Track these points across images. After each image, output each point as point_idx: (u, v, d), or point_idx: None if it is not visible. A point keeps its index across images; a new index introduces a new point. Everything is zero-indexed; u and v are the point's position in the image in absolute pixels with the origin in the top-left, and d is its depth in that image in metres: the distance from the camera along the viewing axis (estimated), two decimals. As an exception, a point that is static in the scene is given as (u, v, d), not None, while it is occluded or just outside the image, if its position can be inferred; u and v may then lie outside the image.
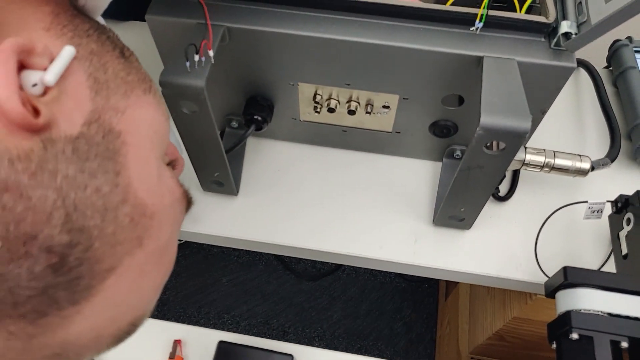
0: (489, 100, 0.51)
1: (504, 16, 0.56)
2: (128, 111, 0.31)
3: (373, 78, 0.62)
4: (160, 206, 0.32)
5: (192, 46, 0.52)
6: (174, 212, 0.34)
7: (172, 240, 0.34)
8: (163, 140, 0.35)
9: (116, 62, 0.34)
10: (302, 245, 0.70)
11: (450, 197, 0.63)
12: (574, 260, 0.68)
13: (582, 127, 0.81)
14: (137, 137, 0.31)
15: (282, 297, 1.58)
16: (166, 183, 0.34)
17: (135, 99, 0.33)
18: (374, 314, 1.55)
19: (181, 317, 1.56)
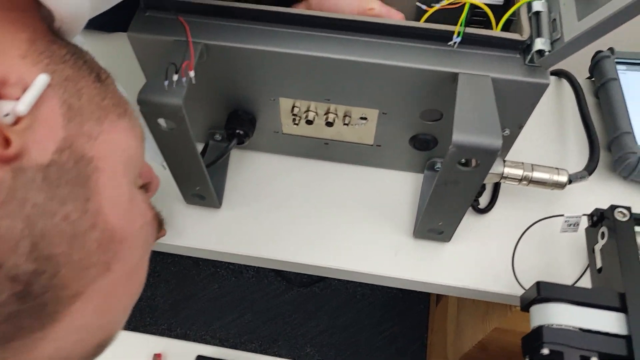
0: (461, 118, 0.51)
1: (479, 33, 0.57)
2: (101, 137, 0.32)
3: (352, 93, 0.63)
4: (131, 230, 0.33)
5: (172, 65, 0.53)
6: (144, 235, 0.35)
7: (142, 263, 0.35)
8: (136, 164, 0.36)
9: (92, 87, 0.34)
10: (283, 259, 0.70)
11: (427, 211, 0.64)
12: (552, 273, 0.69)
13: (565, 138, 0.81)
14: (109, 163, 0.32)
15: (272, 306, 1.58)
16: (138, 206, 0.34)
17: (109, 124, 0.33)
18: (362, 322, 1.55)
19: (170, 325, 1.56)
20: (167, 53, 0.55)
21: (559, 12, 0.56)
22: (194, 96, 0.66)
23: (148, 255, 0.37)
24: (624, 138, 0.73)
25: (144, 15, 0.60)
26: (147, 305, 1.58)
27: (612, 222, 0.59)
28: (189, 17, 0.60)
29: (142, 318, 1.56)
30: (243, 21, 0.60)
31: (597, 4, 0.52)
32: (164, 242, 0.72)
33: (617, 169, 0.74)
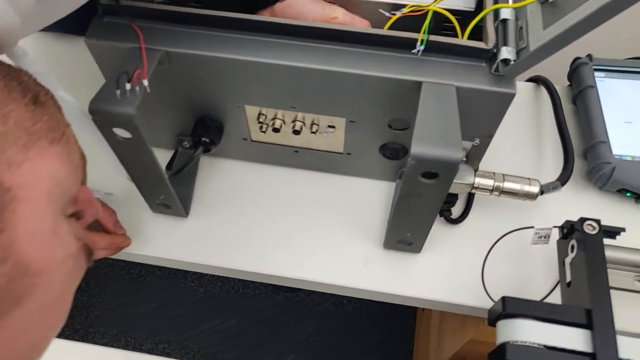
0: (421, 129, 0.50)
1: (444, 41, 0.55)
2: (25, 164, 0.31)
3: (317, 102, 0.62)
4: (50, 263, 0.31)
5: (124, 74, 0.51)
6: (66, 268, 0.33)
7: (62, 296, 0.34)
8: (66, 192, 0.35)
9: (22, 110, 0.33)
10: (250, 269, 0.69)
11: (394, 223, 0.62)
12: (524, 286, 0.67)
13: (542, 145, 0.80)
14: (32, 191, 0.31)
15: (257, 311, 1.57)
16: (61, 238, 0.33)
17: (38, 150, 0.32)
18: (348, 327, 1.54)
19: (153, 329, 1.54)
20: (127, 60, 0.54)
21: (526, 20, 0.55)
22: (159, 102, 0.65)
23: (72, 289, 0.35)
24: (599, 147, 0.71)
25: (101, 21, 0.59)
26: (130, 311, 1.57)
27: (582, 235, 0.58)
28: (150, 24, 0.58)
29: (125, 323, 1.55)
30: (205, 28, 0.58)
31: (561, 12, 0.50)
32: (130, 251, 0.71)
33: (592, 179, 0.73)
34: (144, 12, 0.58)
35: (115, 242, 0.68)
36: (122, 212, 0.69)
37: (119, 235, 0.68)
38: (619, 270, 0.60)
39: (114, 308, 1.57)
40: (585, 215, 0.64)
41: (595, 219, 0.58)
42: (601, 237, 0.58)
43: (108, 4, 0.58)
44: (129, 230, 0.70)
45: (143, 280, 1.61)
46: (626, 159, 0.71)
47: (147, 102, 0.52)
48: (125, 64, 0.53)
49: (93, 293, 1.59)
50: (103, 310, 1.57)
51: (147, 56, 0.54)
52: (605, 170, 0.70)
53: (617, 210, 0.72)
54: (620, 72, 0.80)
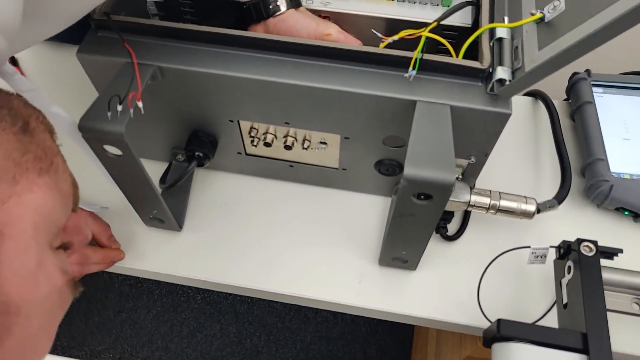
0: (415, 150, 0.49)
1: (438, 60, 0.55)
2: (13, 199, 0.30)
3: (311, 118, 0.61)
4: (32, 298, 0.31)
5: (115, 97, 0.50)
6: (49, 303, 0.33)
7: (44, 330, 0.33)
8: (53, 224, 0.34)
9: (12, 141, 0.32)
10: (244, 285, 0.68)
11: (388, 241, 0.61)
12: (519, 306, 0.66)
13: (540, 160, 0.79)
14: (18, 227, 0.30)
15: (257, 318, 1.56)
16: (45, 271, 0.32)
17: (25, 183, 0.32)
18: (347, 337, 1.53)
19: (152, 336, 1.54)
20: (118, 76, 0.53)
21: (522, 39, 0.54)
22: (152, 116, 0.64)
23: (56, 322, 0.35)
24: (597, 165, 0.70)
25: (95, 36, 0.59)
26: (128, 317, 1.56)
27: (578, 256, 0.57)
28: (142, 39, 0.58)
29: (123, 330, 1.54)
30: (198, 43, 0.58)
31: (557, 33, 0.50)
32: (123, 265, 0.70)
33: (589, 197, 0.72)
34: (136, 28, 0.58)
35: (109, 256, 0.67)
36: (116, 226, 0.69)
37: (112, 250, 0.68)
38: (616, 292, 0.59)
39: (112, 315, 1.57)
40: (582, 234, 0.63)
41: (592, 240, 0.58)
42: (598, 259, 0.57)
43: (99, 19, 0.57)
44: (122, 243, 0.70)
45: (141, 286, 1.60)
46: (624, 177, 0.70)
47: (140, 116, 0.52)
48: (117, 81, 0.53)
49: (92, 300, 1.58)
50: (101, 318, 1.56)
51: (139, 72, 0.54)
52: (603, 188, 0.69)
53: (615, 228, 0.71)
54: (619, 88, 0.79)
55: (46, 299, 0.32)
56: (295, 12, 0.62)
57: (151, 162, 0.76)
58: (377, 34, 0.56)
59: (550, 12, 0.52)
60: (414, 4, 0.69)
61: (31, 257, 0.31)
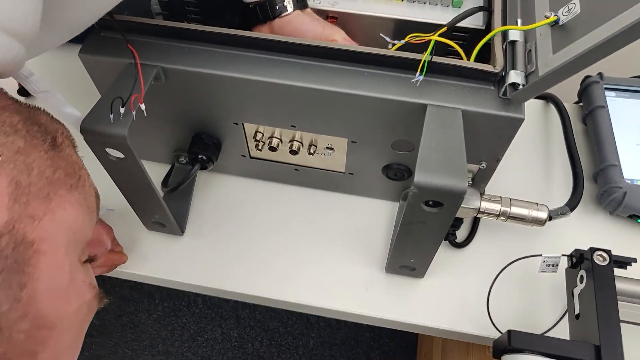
0: (425, 156, 0.48)
1: (449, 63, 0.53)
2: (47, 217, 0.31)
3: (318, 121, 0.60)
4: (65, 314, 0.31)
5: (118, 99, 0.49)
6: (79, 318, 0.33)
7: (74, 342, 0.34)
8: (82, 238, 0.35)
9: (44, 158, 0.33)
10: (246, 292, 0.67)
11: (396, 248, 0.60)
12: (529, 315, 0.65)
13: (551, 165, 0.78)
14: (52, 244, 0.31)
15: (259, 322, 1.55)
16: (76, 287, 0.33)
17: (58, 200, 0.32)
18: (350, 342, 1.51)
19: (153, 340, 1.52)
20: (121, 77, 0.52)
21: (535, 42, 0.53)
22: (154, 117, 0.63)
23: (84, 333, 0.35)
24: (610, 171, 0.69)
25: (98, 36, 0.57)
26: (129, 321, 1.55)
27: (591, 265, 0.56)
28: (146, 39, 0.57)
29: (124, 334, 1.53)
30: (203, 44, 0.57)
31: (572, 36, 0.48)
32: (124, 269, 0.69)
33: (602, 203, 0.70)
34: (140, 27, 0.57)
35: (111, 259, 0.66)
36: (118, 229, 0.67)
37: (115, 253, 0.67)
38: (630, 303, 0.57)
39: (113, 319, 1.55)
40: (594, 241, 0.61)
41: (605, 250, 0.56)
42: (612, 269, 0.55)
43: (103, 18, 0.55)
44: (123, 247, 0.68)
45: (142, 289, 1.59)
46: (638, 183, 0.68)
47: (142, 117, 0.50)
48: (119, 82, 0.52)
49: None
50: (102, 321, 1.55)
51: (142, 72, 0.52)
52: (617, 195, 0.67)
53: (628, 236, 0.70)
54: (632, 92, 0.77)
55: (77, 313, 0.33)
56: (301, 13, 0.61)
57: (153, 164, 0.75)
58: (385, 38, 0.54)
59: (565, 15, 0.51)
60: (424, 4, 0.67)
61: (64, 273, 0.32)
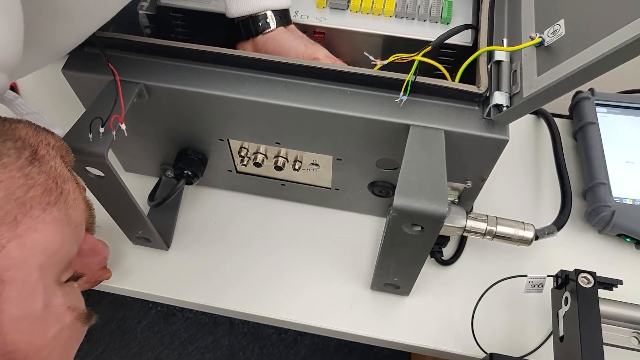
0: (405, 179, 0.47)
1: (434, 84, 0.53)
2: (13, 242, 0.29)
3: (302, 139, 0.59)
4: (41, 341, 0.30)
5: (97, 119, 0.49)
6: (61, 340, 0.32)
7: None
8: (62, 258, 0.33)
9: (15, 177, 0.31)
10: (231, 308, 0.66)
11: (380, 267, 0.59)
12: (514, 336, 0.64)
13: (540, 181, 0.77)
14: (21, 271, 0.29)
15: (251, 330, 1.54)
16: (53, 312, 0.31)
17: (29, 222, 0.30)
18: (343, 350, 1.51)
19: (142, 347, 1.51)
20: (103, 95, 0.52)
21: (520, 62, 0.52)
22: (139, 133, 0.62)
23: (71, 355, 0.34)
24: (599, 189, 0.68)
25: (81, 52, 0.57)
26: (117, 327, 1.54)
27: (576, 287, 0.55)
28: (129, 55, 0.56)
29: (112, 341, 1.52)
30: (186, 61, 0.56)
31: (557, 59, 0.48)
32: (109, 284, 0.68)
33: (591, 221, 0.70)
34: (122, 44, 0.56)
35: (95, 275, 0.65)
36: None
37: (99, 269, 0.66)
38: (615, 325, 0.57)
39: (100, 325, 1.54)
40: (582, 260, 0.61)
41: (590, 272, 0.56)
42: (596, 291, 0.55)
43: (85, 35, 0.55)
44: (108, 261, 0.68)
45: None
46: (627, 202, 0.68)
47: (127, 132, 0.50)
48: (101, 100, 0.51)
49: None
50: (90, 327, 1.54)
51: (125, 89, 0.52)
52: (605, 214, 0.67)
53: (616, 256, 0.69)
54: (624, 108, 0.77)
55: (57, 338, 0.31)
56: (285, 30, 0.60)
57: (141, 177, 0.74)
58: (369, 57, 0.53)
59: (550, 37, 0.50)
60: (413, 20, 0.67)
61: (37, 300, 0.30)
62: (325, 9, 0.67)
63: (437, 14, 0.66)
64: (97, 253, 0.57)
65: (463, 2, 0.67)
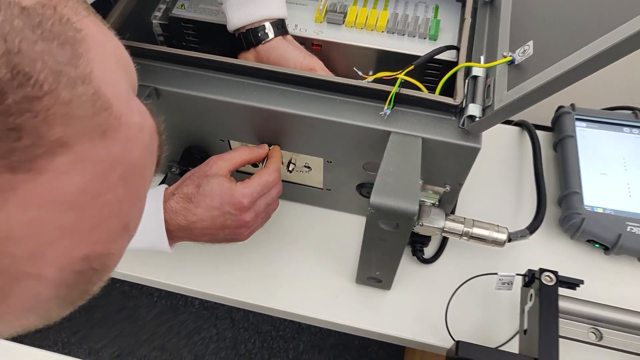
0: (383, 180, 0.53)
1: (414, 95, 0.58)
2: (87, 19, 0.27)
3: (296, 142, 0.65)
4: (128, 117, 0.26)
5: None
6: (143, 137, 0.28)
7: (143, 169, 0.29)
8: (131, 75, 0.31)
9: None
10: (222, 294, 0.72)
11: (362, 262, 0.65)
12: (487, 330, 0.69)
13: (522, 189, 0.82)
14: (99, 47, 0.26)
15: (251, 324, 1.60)
16: (137, 104, 0.28)
17: (93, 19, 0.28)
18: (339, 347, 1.56)
19: (150, 336, 1.58)
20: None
21: (494, 79, 0.58)
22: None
23: (150, 171, 0.30)
24: (572, 198, 0.73)
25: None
26: (129, 315, 1.61)
27: (539, 285, 0.60)
28: (141, 61, 0.62)
29: (124, 327, 1.59)
30: (193, 68, 0.62)
31: (524, 76, 0.53)
32: (121, 271, 0.74)
33: (563, 227, 0.75)
34: (136, 51, 0.62)
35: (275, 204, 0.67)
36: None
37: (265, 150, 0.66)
38: (575, 321, 0.62)
39: (114, 312, 1.62)
40: (554, 263, 0.66)
41: (552, 271, 0.61)
42: (556, 288, 0.60)
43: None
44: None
45: (141, 288, 1.65)
46: (597, 211, 0.73)
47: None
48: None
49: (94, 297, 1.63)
50: (103, 314, 1.61)
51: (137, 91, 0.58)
52: (575, 220, 0.72)
53: (586, 260, 0.74)
54: (602, 123, 0.82)
55: (141, 130, 0.28)
56: (283, 40, 0.66)
57: (149, 172, 0.80)
58: (357, 72, 0.59)
59: (520, 56, 0.56)
60: (403, 36, 0.72)
61: (120, 79, 0.27)
62: (322, 23, 0.73)
63: (426, 31, 0.71)
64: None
65: (451, 20, 0.73)
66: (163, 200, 0.60)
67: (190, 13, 0.75)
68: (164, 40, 0.78)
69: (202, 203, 0.59)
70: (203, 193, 0.59)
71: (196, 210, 0.59)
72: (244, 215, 0.60)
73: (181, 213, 0.59)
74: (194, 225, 0.59)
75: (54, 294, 0.25)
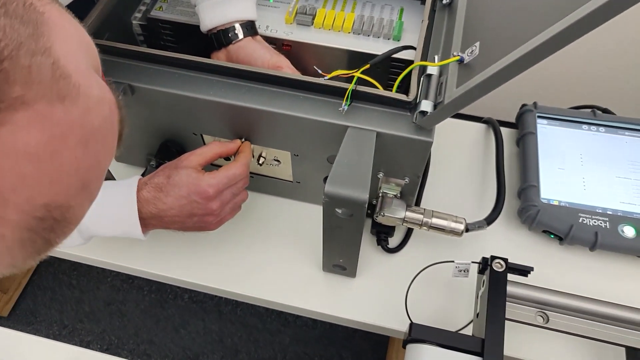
0: (337, 171, 0.57)
1: (371, 92, 0.62)
2: (48, 7, 0.29)
3: (263, 136, 0.69)
4: (88, 88, 0.29)
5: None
6: (103, 107, 0.30)
7: (104, 138, 0.31)
8: (93, 55, 0.33)
9: None
10: (194, 280, 0.76)
11: (325, 249, 0.69)
12: (448, 315, 0.73)
13: (486, 183, 0.86)
14: (61, 29, 0.29)
15: (238, 317, 1.64)
16: (96, 79, 0.31)
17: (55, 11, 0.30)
18: (324, 340, 1.60)
19: (137, 330, 1.62)
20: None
21: (447, 77, 0.61)
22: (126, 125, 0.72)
23: (111, 141, 0.32)
24: (529, 190, 0.77)
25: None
26: (117, 309, 1.65)
27: (490, 271, 0.64)
28: (117, 59, 0.66)
29: (112, 321, 1.63)
30: (165, 66, 0.66)
31: (470, 74, 0.57)
32: (84, 254, 0.78)
33: (521, 218, 0.78)
34: (113, 50, 0.66)
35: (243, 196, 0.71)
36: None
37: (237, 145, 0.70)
38: (524, 305, 0.65)
39: (102, 306, 1.66)
40: (513, 252, 0.70)
41: (503, 258, 0.65)
42: (505, 275, 0.64)
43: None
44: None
45: (132, 282, 1.69)
46: (553, 203, 0.76)
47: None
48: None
49: (84, 290, 1.67)
50: (92, 308, 1.65)
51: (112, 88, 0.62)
52: (531, 212, 0.76)
53: (542, 249, 0.78)
54: (562, 121, 0.86)
55: (100, 103, 0.30)
56: (252, 40, 0.70)
57: (129, 167, 0.84)
58: (317, 70, 0.63)
59: (468, 56, 0.60)
60: (369, 37, 0.76)
61: (80, 58, 0.30)
62: (292, 24, 0.77)
63: (389, 32, 0.75)
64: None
65: (414, 22, 0.77)
66: (137, 189, 0.64)
67: (167, 14, 0.79)
68: (143, 40, 0.82)
69: (171, 192, 0.63)
70: (172, 183, 0.63)
71: (166, 199, 0.63)
72: (210, 204, 0.64)
73: (152, 202, 0.63)
74: (164, 213, 0.63)
75: (17, 237, 0.27)
